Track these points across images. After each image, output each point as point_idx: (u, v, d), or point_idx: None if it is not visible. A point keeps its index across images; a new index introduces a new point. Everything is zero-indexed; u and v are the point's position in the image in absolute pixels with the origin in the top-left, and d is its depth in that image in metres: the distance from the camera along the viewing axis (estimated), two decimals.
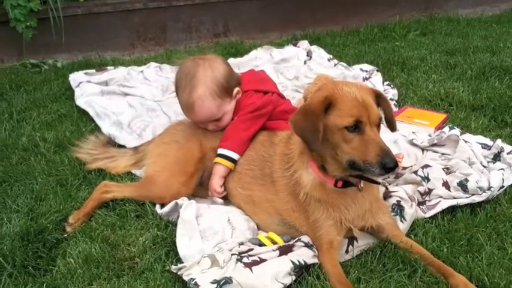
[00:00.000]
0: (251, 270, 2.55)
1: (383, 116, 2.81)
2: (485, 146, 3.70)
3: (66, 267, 2.74)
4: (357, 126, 2.57)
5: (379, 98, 2.76)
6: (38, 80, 5.64)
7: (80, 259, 2.77)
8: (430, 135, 3.99)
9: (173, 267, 2.65)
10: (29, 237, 2.95)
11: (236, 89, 3.38)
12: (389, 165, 2.48)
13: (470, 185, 3.19)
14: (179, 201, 3.09)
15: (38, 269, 2.77)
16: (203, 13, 7.15)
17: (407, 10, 8.16)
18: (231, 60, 5.80)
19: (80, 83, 5.10)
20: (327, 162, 2.73)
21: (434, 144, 3.77)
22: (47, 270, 2.77)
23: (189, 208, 3.01)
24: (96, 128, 4.35)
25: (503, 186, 3.26)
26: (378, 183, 2.88)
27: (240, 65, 5.58)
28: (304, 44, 6.17)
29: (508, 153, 3.56)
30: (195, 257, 2.69)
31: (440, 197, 3.21)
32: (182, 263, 2.71)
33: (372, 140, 2.55)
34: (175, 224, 3.00)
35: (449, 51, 6.18)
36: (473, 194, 3.18)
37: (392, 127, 2.86)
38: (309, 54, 5.82)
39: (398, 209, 3.02)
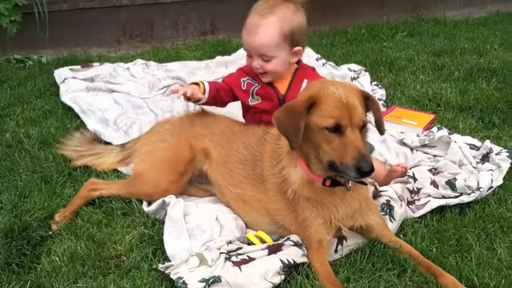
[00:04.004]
0: (240, 269, 2.53)
1: (373, 118, 2.80)
2: (473, 147, 3.72)
3: (50, 265, 2.68)
4: (337, 128, 2.55)
5: (367, 99, 2.73)
6: (22, 75, 5.56)
7: (65, 257, 2.71)
8: (418, 135, 3.99)
9: (160, 266, 2.61)
10: (13, 234, 2.89)
11: (298, 47, 3.31)
12: (364, 169, 2.46)
13: (459, 183, 3.20)
14: (166, 199, 3.06)
15: (22, 267, 2.72)
16: (190, 10, 7.10)
17: (394, 11, 8.19)
18: (219, 59, 5.78)
19: (65, 79, 5.04)
20: (310, 161, 2.73)
21: (424, 145, 3.76)
22: (31, 268, 2.72)
23: (176, 206, 2.98)
24: (82, 125, 4.29)
25: (491, 187, 3.26)
26: (365, 184, 2.85)
27: (228, 63, 5.55)
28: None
29: (496, 154, 3.58)
30: (182, 256, 2.65)
31: (429, 195, 3.21)
32: (169, 261, 2.67)
33: (351, 142, 2.53)
34: (162, 222, 2.96)
35: (436, 52, 6.21)
36: (461, 193, 3.19)
37: (380, 130, 2.85)
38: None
39: (388, 208, 3.01)
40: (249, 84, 3.37)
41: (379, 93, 4.76)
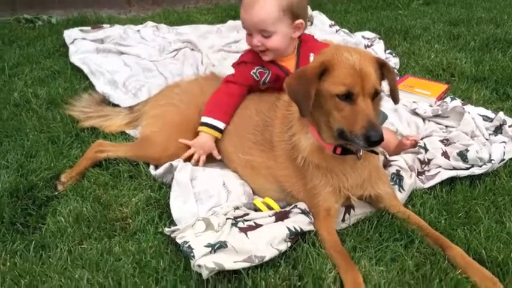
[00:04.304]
0: (246, 235, 2.50)
1: (387, 87, 2.73)
2: (486, 118, 3.64)
3: (56, 225, 2.68)
4: (348, 96, 2.49)
5: (383, 67, 2.65)
6: (32, 35, 5.54)
7: (71, 218, 2.71)
8: (431, 105, 3.92)
9: (166, 230, 2.59)
10: (18, 193, 2.89)
11: (300, 20, 3.17)
12: (373, 138, 2.41)
13: (470, 155, 3.14)
14: (174, 162, 3.03)
15: (26, 226, 2.72)
16: None
17: None
18: (230, 23, 5.70)
19: (75, 39, 5.01)
20: (321, 129, 2.67)
21: (437, 115, 3.70)
22: (36, 228, 2.72)
23: (183, 170, 2.95)
24: (90, 86, 4.27)
25: (503, 160, 3.21)
26: (376, 153, 2.80)
27: (240, 28, 5.43)
28: None
29: (510, 126, 3.50)
30: (188, 220, 2.63)
31: (440, 166, 3.16)
32: (175, 225, 2.65)
33: (361, 111, 2.47)
34: (169, 186, 2.94)
35: (452, 21, 6.09)
36: (472, 165, 3.14)
37: (395, 99, 2.77)
38: (311, 20, 5.69)
39: (398, 178, 2.97)
40: (261, 74, 3.24)
41: (392, 62, 4.68)
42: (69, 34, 5.17)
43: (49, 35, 5.51)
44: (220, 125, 3.19)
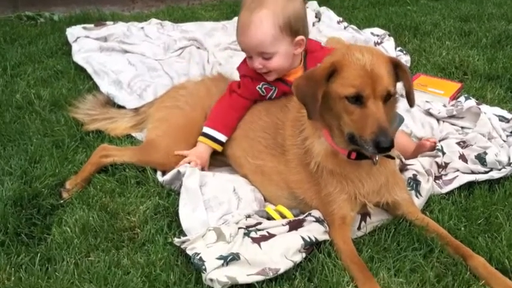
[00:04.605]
0: (259, 245, 2.42)
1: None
2: (503, 119, 3.54)
3: (61, 236, 2.60)
4: (358, 98, 2.39)
5: (397, 68, 2.53)
6: (34, 33, 5.44)
7: (77, 228, 2.63)
8: (444, 105, 3.81)
9: (176, 240, 2.51)
10: (23, 202, 2.81)
11: (300, 37, 3.02)
12: (383, 144, 2.30)
13: (489, 158, 3.04)
14: (181, 168, 2.92)
15: (31, 237, 2.64)
16: None
17: None
18: (236, 20, 5.57)
19: (78, 37, 4.92)
20: (333, 132, 2.58)
21: (452, 116, 3.59)
22: (41, 239, 2.63)
23: (192, 176, 2.85)
24: (94, 87, 4.18)
25: None
26: (392, 158, 2.70)
27: None
28: (313, 4, 5.87)
29: None
30: (198, 230, 2.55)
31: (457, 170, 3.06)
32: (185, 235, 2.57)
33: (372, 114, 2.36)
34: (177, 193, 2.86)
35: (463, 17, 5.97)
36: (491, 169, 3.04)
37: (410, 101, 2.65)
38: (318, 16, 5.57)
39: (414, 183, 2.87)
40: (267, 89, 3.10)
41: (404, 60, 4.54)
42: (72, 32, 5.07)
43: (51, 33, 5.41)
44: (222, 137, 3.09)
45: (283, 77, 3.06)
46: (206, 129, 3.10)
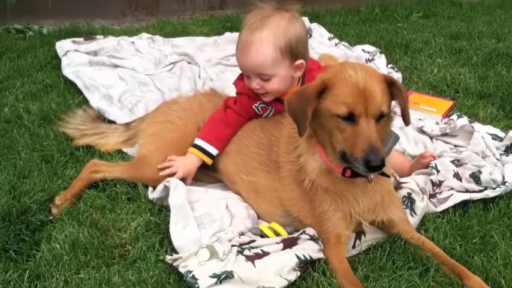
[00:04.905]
0: (253, 264, 2.38)
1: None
2: (496, 137, 3.55)
3: (51, 252, 2.54)
4: (350, 116, 2.36)
5: (392, 86, 2.50)
6: (22, 46, 5.39)
7: (67, 244, 2.57)
8: (437, 123, 3.81)
9: (168, 258, 2.46)
10: (11, 217, 2.75)
11: (300, 61, 2.97)
12: (373, 163, 2.28)
13: (484, 176, 3.03)
14: (166, 183, 2.88)
15: (20, 254, 2.58)
16: None
17: None
18: (228, 35, 5.58)
19: (68, 51, 4.87)
20: (326, 149, 2.55)
21: (445, 134, 3.59)
22: (30, 255, 2.57)
23: (177, 190, 2.80)
24: (84, 101, 4.12)
25: None
26: (388, 176, 2.67)
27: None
28: (304, 21, 5.89)
29: None
30: (191, 247, 2.50)
31: (452, 188, 3.05)
32: (177, 252, 2.53)
33: (363, 133, 2.33)
34: (169, 209, 2.79)
35: (453, 35, 6.02)
36: (486, 187, 3.03)
37: (405, 120, 2.61)
38: (309, 32, 5.56)
39: (409, 201, 2.85)
40: (263, 109, 3.08)
41: (395, 77, 4.54)
42: (61, 46, 5.02)
43: (40, 47, 5.35)
44: (213, 150, 3.05)
45: (281, 97, 3.01)
46: (197, 141, 3.06)
